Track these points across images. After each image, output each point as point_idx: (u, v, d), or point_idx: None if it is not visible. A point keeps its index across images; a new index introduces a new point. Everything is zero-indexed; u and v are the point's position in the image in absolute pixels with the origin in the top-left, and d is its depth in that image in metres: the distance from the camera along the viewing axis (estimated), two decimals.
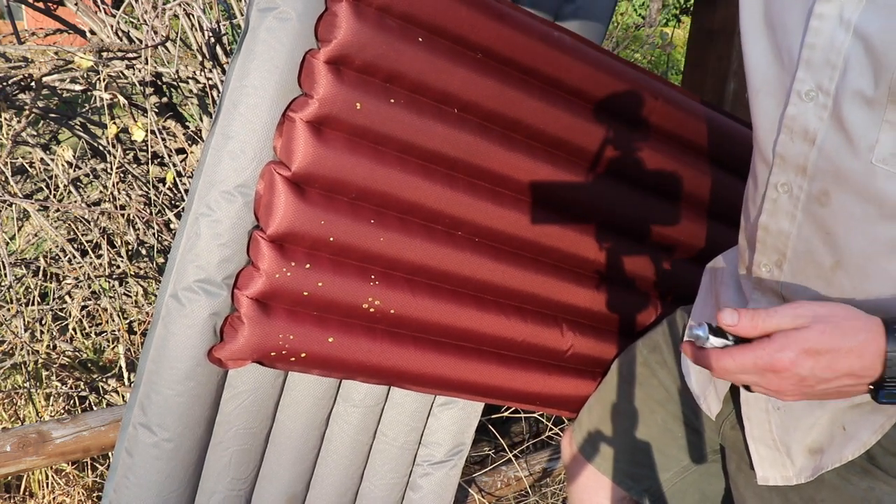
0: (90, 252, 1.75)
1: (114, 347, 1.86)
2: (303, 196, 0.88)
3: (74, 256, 1.68)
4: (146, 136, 1.59)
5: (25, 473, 1.53)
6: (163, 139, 1.60)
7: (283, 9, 0.84)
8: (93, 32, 1.59)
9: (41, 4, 1.67)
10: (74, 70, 1.56)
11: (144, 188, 1.71)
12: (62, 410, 1.72)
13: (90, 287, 1.73)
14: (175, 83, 1.64)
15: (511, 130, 1.01)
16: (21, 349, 1.59)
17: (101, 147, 1.76)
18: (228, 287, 0.90)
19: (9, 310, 1.67)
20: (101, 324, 1.83)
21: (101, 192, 1.73)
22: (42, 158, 1.67)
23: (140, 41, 1.54)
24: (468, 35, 0.93)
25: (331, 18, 0.84)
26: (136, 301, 1.74)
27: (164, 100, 1.72)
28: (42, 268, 1.75)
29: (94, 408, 1.73)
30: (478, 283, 1.03)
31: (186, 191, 1.64)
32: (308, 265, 0.90)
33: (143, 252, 1.79)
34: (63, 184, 1.72)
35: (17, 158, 1.83)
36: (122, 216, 1.67)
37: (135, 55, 1.49)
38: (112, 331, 1.79)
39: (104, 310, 1.76)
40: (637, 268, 1.18)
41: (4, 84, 1.47)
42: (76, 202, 1.71)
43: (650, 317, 1.21)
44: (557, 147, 1.05)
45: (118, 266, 1.72)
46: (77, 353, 1.79)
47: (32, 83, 1.48)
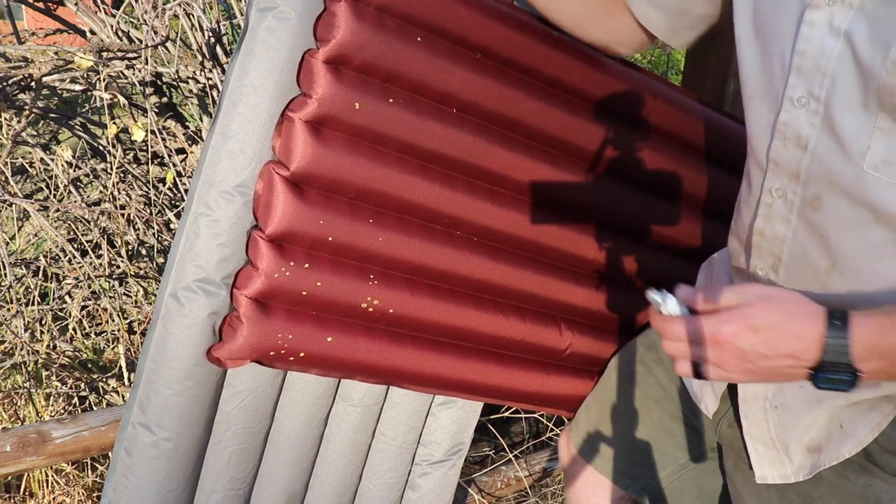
0: (90, 252, 1.75)
1: (114, 347, 1.86)
2: (302, 196, 0.88)
3: (74, 256, 1.69)
4: (146, 136, 1.59)
5: (25, 473, 1.53)
6: (163, 139, 1.60)
7: (283, 8, 0.84)
8: (93, 32, 1.59)
9: (41, 4, 1.68)
10: (74, 70, 1.57)
11: (144, 188, 1.71)
12: (62, 410, 1.72)
13: (90, 287, 1.73)
14: (175, 83, 1.64)
15: (510, 130, 1.01)
16: (21, 349, 1.59)
17: (101, 147, 1.76)
18: (227, 286, 0.90)
19: (9, 310, 1.67)
20: (101, 324, 1.83)
21: (101, 192, 1.73)
22: (42, 158, 1.67)
23: (140, 41, 1.54)
24: (467, 35, 0.93)
25: (329, 18, 0.84)
26: (136, 301, 1.74)
27: (164, 100, 1.72)
28: (42, 268, 1.75)
29: (94, 408, 1.73)
30: (476, 283, 1.03)
31: (186, 191, 1.64)
32: (307, 265, 0.90)
33: (143, 252, 1.79)
34: (63, 184, 1.72)
35: (17, 158, 1.83)
36: (122, 216, 1.67)
37: (135, 55, 1.49)
38: (112, 331, 1.79)
39: (104, 310, 1.76)
40: (636, 267, 1.18)
41: (4, 84, 1.47)
42: (76, 202, 1.71)
43: (647, 316, 1.21)
44: (556, 147, 1.05)
45: (118, 266, 1.72)
46: (77, 353, 1.79)
47: (32, 83, 1.48)
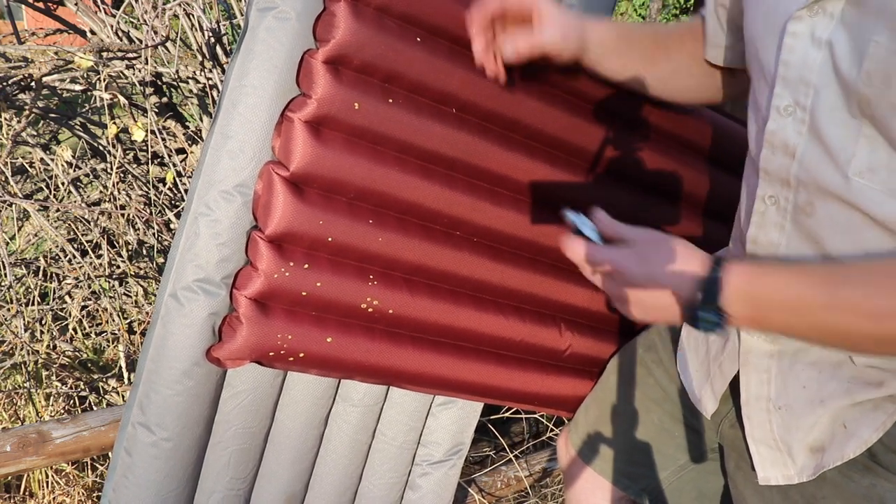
0: (90, 252, 1.75)
1: (114, 347, 1.86)
2: (301, 196, 0.88)
3: (74, 256, 1.69)
4: (146, 136, 1.59)
5: (25, 473, 1.53)
6: (163, 139, 1.60)
7: (283, 8, 0.84)
8: (93, 32, 1.59)
9: (41, 4, 1.68)
10: (74, 70, 1.57)
11: (144, 188, 1.71)
12: (62, 410, 1.72)
13: (90, 287, 1.73)
14: (175, 83, 1.64)
15: (510, 130, 1.01)
16: (21, 349, 1.59)
17: (101, 147, 1.76)
18: (227, 286, 0.90)
19: (9, 310, 1.67)
20: (101, 324, 1.83)
21: (101, 192, 1.73)
22: (42, 158, 1.67)
23: (140, 41, 1.54)
24: (467, 35, 0.93)
25: (329, 18, 0.84)
26: (136, 301, 1.74)
27: (164, 100, 1.72)
28: (42, 268, 1.75)
29: (94, 408, 1.73)
30: (476, 283, 1.03)
31: (186, 191, 1.64)
32: (306, 265, 0.90)
33: (143, 252, 1.79)
34: (63, 184, 1.73)
35: (17, 158, 1.83)
36: (122, 216, 1.67)
37: (135, 55, 1.49)
38: (112, 331, 1.79)
39: (104, 310, 1.76)
40: None
41: (4, 84, 1.47)
42: (76, 202, 1.71)
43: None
44: (556, 147, 1.05)
45: (118, 266, 1.72)
46: (77, 353, 1.79)
47: (32, 83, 1.48)
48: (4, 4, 1.75)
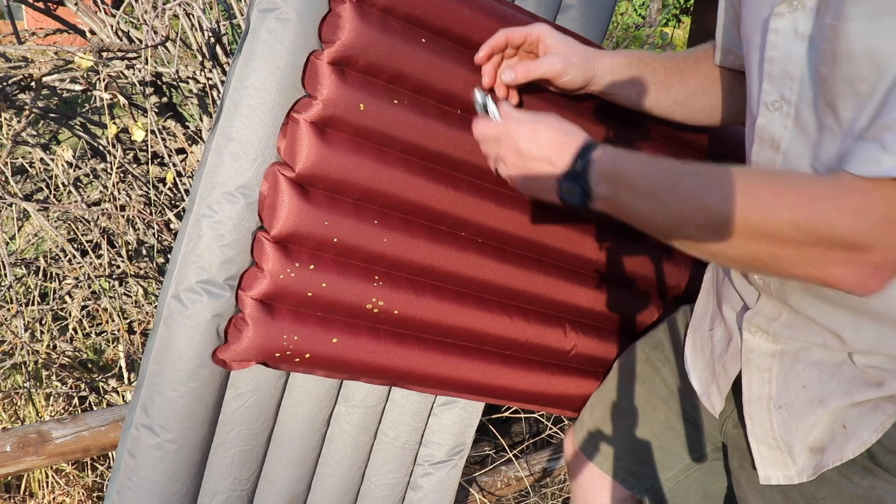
0: (90, 252, 1.75)
1: (114, 347, 1.86)
2: (307, 197, 0.88)
3: (74, 256, 1.68)
4: (146, 136, 1.59)
5: (25, 473, 1.53)
6: (163, 139, 1.60)
7: (284, 10, 0.84)
8: (93, 32, 1.59)
9: (41, 4, 1.67)
10: (74, 70, 1.56)
11: (144, 188, 1.71)
12: (62, 410, 1.72)
13: (90, 287, 1.73)
14: (175, 83, 1.64)
15: None
16: (21, 349, 1.58)
17: (101, 147, 1.75)
18: (231, 288, 0.90)
19: (9, 310, 1.67)
20: (101, 324, 1.83)
21: (101, 192, 1.73)
22: (42, 158, 1.67)
23: (140, 41, 1.53)
24: (471, 36, 0.93)
25: (334, 20, 0.84)
26: (136, 301, 1.74)
27: (164, 100, 1.71)
28: (42, 268, 1.75)
29: (94, 408, 1.73)
30: (481, 284, 1.03)
31: (186, 191, 1.64)
32: (312, 266, 0.90)
33: (144, 252, 1.78)
34: (63, 184, 1.72)
35: (17, 158, 1.83)
36: (122, 216, 1.67)
37: (135, 55, 1.49)
38: (112, 331, 1.79)
39: (104, 310, 1.75)
40: (639, 268, 1.18)
41: (4, 84, 1.47)
42: (76, 202, 1.71)
43: (652, 316, 1.21)
44: None
45: (118, 266, 1.72)
46: (77, 353, 1.79)
47: (32, 83, 1.47)
48: (4, 4, 1.75)
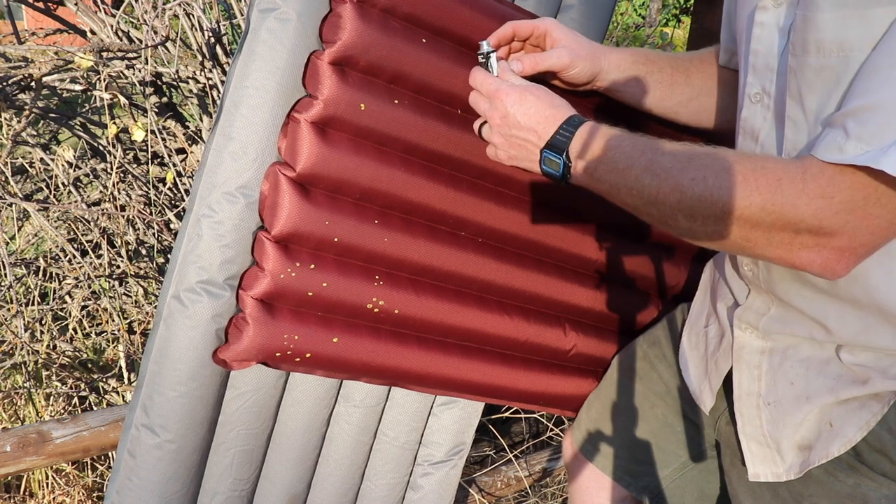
0: (90, 252, 1.75)
1: (114, 347, 1.86)
2: (307, 197, 0.88)
3: (74, 256, 1.68)
4: (146, 136, 1.59)
5: (25, 473, 1.53)
6: (163, 139, 1.60)
7: (284, 10, 0.84)
8: (93, 32, 1.59)
9: (41, 4, 1.67)
10: (74, 70, 1.56)
11: (144, 188, 1.71)
12: (62, 410, 1.72)
13: (90, 287, 1.73)
14: (175, 83, 1.64)
15: None
16: (21, 349, 1.59)
17: (101, 147, 1.76)
18: (231, 288, 0.90)
19: (9, 310, 1.67)
20: (101, 324, 1.83)
21: (101, 192, 1.73)
22: (42, 158, 1.67)
23: (140, 41, 1.53)
24: (472, 36, 0.93)
25: (335, 20, 0.84)
26: (136, 301, 1.74)
27: (164, 100, 1.72)
28: (42, 268, 1.75)
29: (94, 408, 1.73)
30: (481, 284, 1.03)
31: (186, 191, 1.64)
32: (313, 266, 0.90)
33: (144, 252, 1.78)
34: (63, 184, 1.72)
35: (17, 158, 1.83)
36: (122, 216, 1.67)
37: (135, 55, 1.49)
38: (112, 331, 1.79)
39: (104, 310, 1.75)
40: (638, 267, 1.18)
41: (4, 84, 1.47)
42: (76, 202, 1.71)
43: (652, 315, 1.21)
44: None
45: (118, 266, 1.72)
46: (77, 353, 1.79)
47: (32, 83, 1.47)
48: (4, 4, 1.75)
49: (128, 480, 0.94)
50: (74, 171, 1.72)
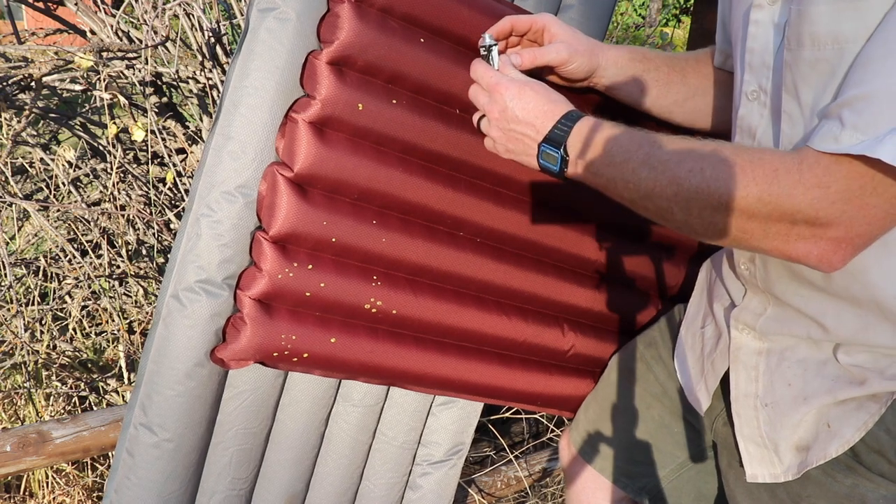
0: (90, 252, 1.75)
1: (114, 347, 1.86)
2: (305, 197, 0.88)
3: (74, 256, 1.68)
4: (146, 136, 1.59)
5: (25, 473, 1.53)
6: (163, 139, 1.60)
7: (283, 9, 0.84)
8: (93, 32, 1.59)
9: (41, 4, 1.67)
10: (74, 70, 1.56)
11: (144, 188, 1.71)
12: (62, 410, 1.72)
13: (90, 287, 1.73)
14: (175, 83, 1.64)
15: None
16: (21, 349, 1.59)
17: (101, 147, 1.76)
18: (229, 287, 0.90)
19: (9, 310, 1.67)
20: (101, 324, 1.83)
21: (101, 192, 1.73)
22: (42, 158, 1.67)
23: (140, 41, 1.54)
24: (470, 36, 0.93)
25: (333, 20, 0.84)
26: (136, 301, 1.74)
27: (164, 100, 1.72)
28: (42, 268, 1.75)
29: (94, 408, 1.73)
30: (480, 284, 1.03)
31: (186, 191, 1.64)
32: (310, 266, 0.90)
33: (143, 252, 1.79)
34: (63, 184, 1.72)
35: (17, 158, 1.83)
36: (122, 216, 1.67)
37: (135, 55, 1.49)
38: (112, 331, 1.79)
39: (104, 310, 1.76)
40: (637, 267, 1.18)
41: (4, 84, 1.47)
42: (76, 202, 1.71)
43: (650, 316, 1.21)
44: None
45: (118, 266, 1.72)
46: (77, 353, 1.79)
47: (32, 83, 1.48)
48: (4, 4, 1.75)
49: (126, 479, 0.94)
50: (74, 171, 1.72)
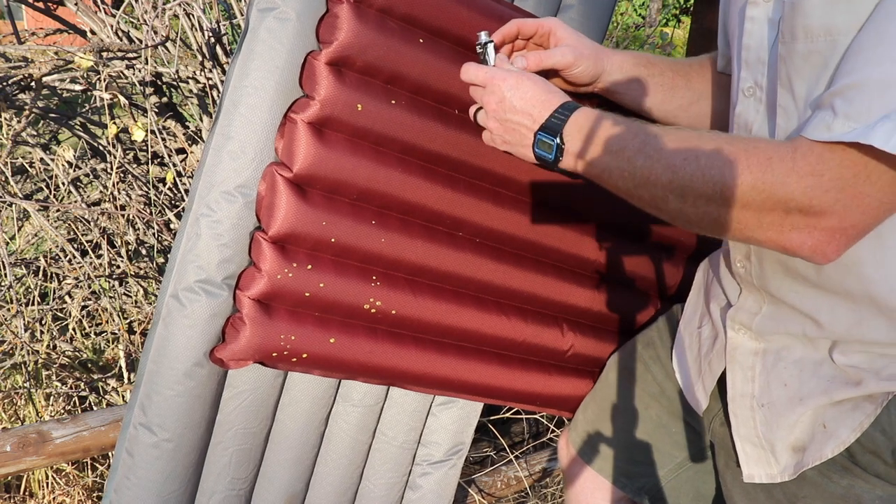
0: (90, 252, 1.75)
1: (114, 347, 1.86)
2: (304, 197, 0.88)
3: (74, 256, 1.68)
4: (146, 136, 1.59)
5: (25, 473, 1.53)
6: (163, 139, 1.60)
7: (283, 9, 0.84)
8: (93, 32, 1.59)
9: (41, 4, 1.67)
10: (74, 70, 1.57)
11: (144, 188, 1.71)
12: (62, 410, 1.72)
13: (90, 287, 1.73)
14: (175, 83, 1.64)
15: None
16: (21, 349, 1.59)
17: (101, 147, 1.76)
18: (229, 287, 0.90)
19: (9, 310, 1.67)
20: (101, 324, 1.83)
21: (101, 192, 1.73)
22: (42, 158, 1.67)
23: (140, 41, 1.54)
24: (469, 36, 0.93)
25: (332, 20, 0.84)
26: (136, 301, 1.74)
27: (164, 100, 1.72)
28: (42, 268, 1.75)
29: (94, 408, 1.73)
30: (479, 284, 1.03)
31: (186, 191, 1.64)
32: (310, 266, 0.90)
33: (143, 252, 1.79)
34: (63, 184, 1.72)
35: (17, 158, 1.83)
36: (122, 216, 1.67)
37: (135, 55, 1.49)
38: (112, 331, 1.79)
39: (104, 310, 1.76)
40: (637, 268, 1.18)
41: (4, 84, 1.47)
42: (76, 202, 1.71)
43: (650, 316, 1.21)
44: None
45: (118, 266, 1.72)
46: (77, 353, 1.79)
47: (32, 83, 1.48)
48: (4, 4, 1.75)
49: (126, 479, 0.94)
50: (74, 171, 1.72)
